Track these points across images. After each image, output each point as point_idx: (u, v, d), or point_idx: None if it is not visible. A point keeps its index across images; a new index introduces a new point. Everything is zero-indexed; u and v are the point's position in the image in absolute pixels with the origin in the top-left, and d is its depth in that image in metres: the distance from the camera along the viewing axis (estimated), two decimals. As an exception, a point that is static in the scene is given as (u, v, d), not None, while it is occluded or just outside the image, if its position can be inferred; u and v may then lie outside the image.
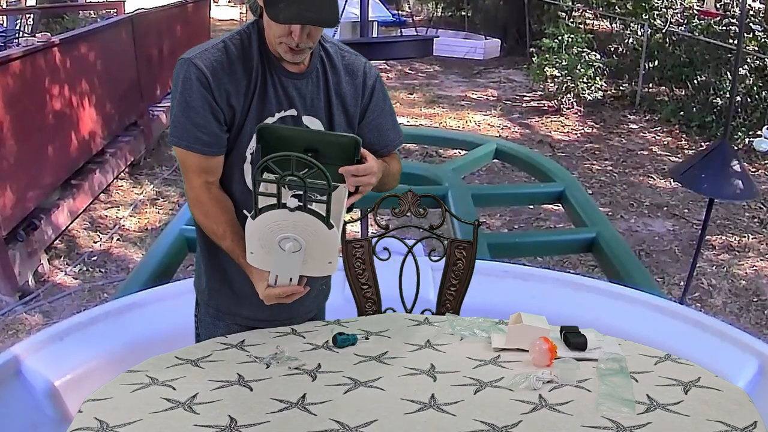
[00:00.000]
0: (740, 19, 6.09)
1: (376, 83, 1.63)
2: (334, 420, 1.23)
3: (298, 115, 1.54)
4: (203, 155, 1.50)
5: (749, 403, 1.30)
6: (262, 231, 1.37)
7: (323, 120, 1.57)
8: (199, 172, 1.53)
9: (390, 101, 1.69)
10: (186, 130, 1.48)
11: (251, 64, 1.49)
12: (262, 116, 1.51)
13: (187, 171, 1.54)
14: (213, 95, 1.46)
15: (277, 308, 1.64)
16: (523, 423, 1.22)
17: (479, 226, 2.00)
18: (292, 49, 1.44)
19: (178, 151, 1.52)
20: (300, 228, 1.36)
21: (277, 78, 1.51)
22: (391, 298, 1.95)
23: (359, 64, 1.62)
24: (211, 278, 1.68)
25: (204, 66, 1.45)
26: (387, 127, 1.67)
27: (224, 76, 1.46)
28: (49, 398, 2.01)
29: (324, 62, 1.57)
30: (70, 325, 2.23)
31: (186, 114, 1.47)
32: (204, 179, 1.53)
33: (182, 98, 1.47)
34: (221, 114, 1.48)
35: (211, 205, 1.53)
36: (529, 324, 1.52)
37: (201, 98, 1.45)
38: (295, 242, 1.37)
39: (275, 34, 1.43)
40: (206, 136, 1.48)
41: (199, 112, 1.46)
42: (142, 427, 1.21)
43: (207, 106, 1.46)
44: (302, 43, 1.43)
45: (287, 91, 1.52)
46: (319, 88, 1.56)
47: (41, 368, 2.06)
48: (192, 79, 1.45)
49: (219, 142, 1.51)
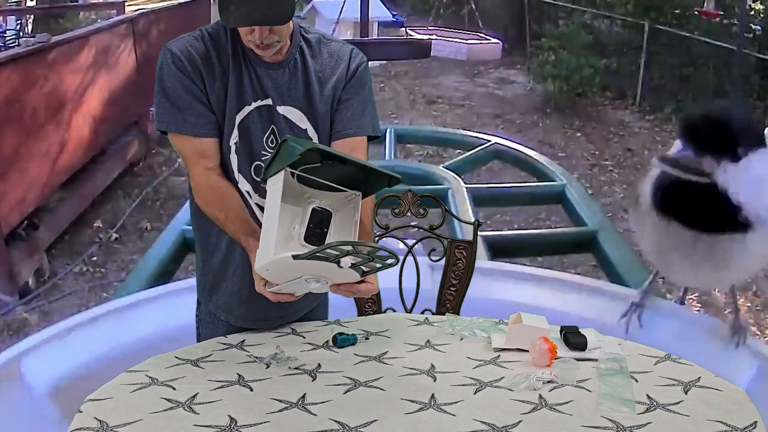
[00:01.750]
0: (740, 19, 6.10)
1: (359, 66, 1.59)
2: (334, 420, 1.23)
3: (273, 105, 1.54)
4: (194, 137, 1.50)
5: (749, 403, 1.30)
6: (294, 267, 1.28)
7: (302, 109, 1.56)
8: (197, 158, 1.52)
9: (371, 92, 1.63)
10: (171, 114, 1.49)
11: (226, 53, 1.51)
12: (239, 105, 1.52)
13: (185, 158, 1.55)
14: (190, 78, 1.48)
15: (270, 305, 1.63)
16: (523, 423, 1.22)
17: (479, 226, 2.01)
18: (258, 46, 1.45)
19: (173, 138, 1.53)
20: (332, 274, 1.31)
21: (252, 68, 1.52)
22: (391, 298, 1.95)
23: (346, 50, 1.60)
24: (208, 276, 1.69)
25: (179, 51, 1.48)
26: (355, 110, 1.58)
27: (198, 60, 1.48)
28: (49, 398, 2.02)
29: (304, 51, 1.56)
30: (70, 325, 2.24)
31: (168, 98, 1.49)
32: (203, 165, 1.53)
33: (162, 84, 1.49)
34: (203, 95, 1.49)
35: (211, 192, 1.53)
36: (529, 324, 1.51)
37: (179, 81, 1.48)
38: (322, 283, 1.33)
39: (242, 32, 1.45)
40: (192, 116, 1.49)
41: (180, 96, 1.48)
42: (142, 427, 1.21)
43: (186, 88, 1.48)
44: (266, 39, 1.43)
45: (261, 81, 1.52)
46: (297, 77, 1.55)
47: (41, 368, 2.06)
48: (169, 64, 1.48)
49: (208, 123, 1.51)
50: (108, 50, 6.29)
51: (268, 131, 1.55)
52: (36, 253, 4.68)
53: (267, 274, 1.34)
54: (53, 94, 5.16)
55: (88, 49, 5.85)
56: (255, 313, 1.66)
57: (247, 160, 1.55)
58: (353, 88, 1.59)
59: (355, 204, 1.40)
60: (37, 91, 4.91)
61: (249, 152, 1.55)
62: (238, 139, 1.53)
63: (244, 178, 1.56)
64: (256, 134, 1.54)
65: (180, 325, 1.85)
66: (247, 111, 1.52)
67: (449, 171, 4.74)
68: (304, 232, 1.34)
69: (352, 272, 1.30)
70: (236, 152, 1.54)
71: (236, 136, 1.53)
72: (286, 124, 1.56)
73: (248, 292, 1.63)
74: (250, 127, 1.53)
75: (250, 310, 1.66)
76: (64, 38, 5.49)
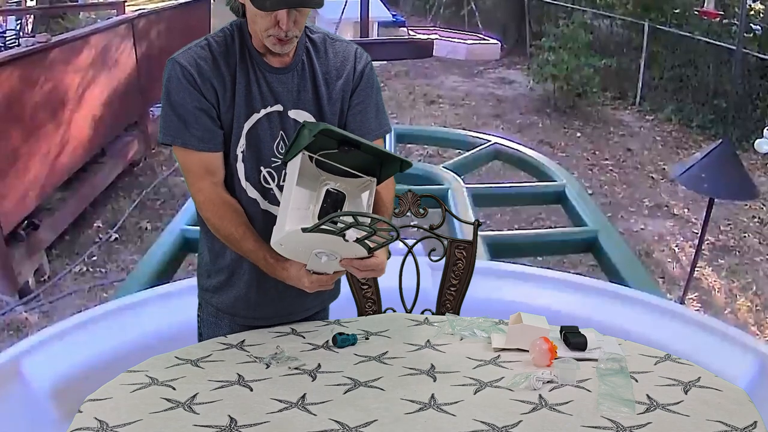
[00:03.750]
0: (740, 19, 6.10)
1: (366, 68, 1.60)
2: (334, 420, 1.23)
3: (284, 110, 1.53)
4: (202, 152, 1.49)
5: (749, 403, 1.30)
6: (305, 241, 1.35)
7: (312, 112, 1.56)
8: (203, 174, 1.51)
9: (380, 91, 1.65)
10: (178, 128, 1.47)
11: (234, 60, 1.49)
12: (248, 113, 1.50)
13: (190, 173, 1.52)
14: (200, 91, 1.46)
15: (278, 306, 1.66)
16: (523, 423, 1.22)
17: (479, 226, 2.00)
18: (280, 40, 1.43)
19: (178, 152, 1.50)
20: (340, 248, 1.37)
21: (261, 74, 1.51)
22: (391, 298, 1.95)
23: (350, 49, 1.60)
24: (212, 279, 1.68)
25: (188, 63, 1.46)
26: (369, 114, 1.61)
27: (208, 71, 1.46)
28: (49, 398, 2.01)
29: (310, 52, 1.56)
30: (70, 325, 2.24)
31: (176, 112, 1.46)
32: (209, 180, 1.52)
33: (170, 98, 1.46)
34: (212, 109, 1.48)
35: (226, 208, 1.52)
36: (529, 324, 1.51)
37: (188, 95, 1.45)
38: (330, 257, 1.39)
39: (262, 27, 1.43)
40: (199, 131, 1.47)
41: (188, 110, 1.46)
42: (142, 427, 1.21)
43: (195, 102, 1.46)
44: (290, 32, 1.42)
45: (272, 87, 1.52)
46: (305, 79, 1.54)
47: (41, 368, 2.06)
48: (178, 78, 1.45)
49: (214, 137, 1.49)
50: (108, 50, 6.29)
51: (278, 138, 1.54)
52: (36, 253, 4.68)
53: (281, 249, 1.40)
54: (53, 94, 5.16)
55: (88, 49, 5.84)
56: (262, 312, 1.67)
57: (255, 168, 1.54)
58: (364, 91, 1.60)
59: (370, 189, 1.44)
60: (37, 91, 4.91)
61: (257, 160, 1.53)
62: (246, 147, 1.52)
63: (252, 186, 1.55)
64: (265, 141, 1.53)
65: (180, 325, 1.85)
66: (256, 118, 1.51)
67: (449, 171, 4.74)
68: (318, 210, 1.38)
69: (359, 247, 1.36)
70: (243, 160, 1.53)
71: (243, 145, 1.52)
72: (296, 128, 1.55)
73: (255, 296, 1.64)
74: (258, 135, 1.52)
75: (258, 311, 1.66)
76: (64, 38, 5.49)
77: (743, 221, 6.00)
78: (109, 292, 4.49)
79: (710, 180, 3.34)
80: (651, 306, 2.43)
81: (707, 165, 3.37)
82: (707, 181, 3.35)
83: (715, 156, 3.40)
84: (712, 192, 3.44)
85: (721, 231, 5.77)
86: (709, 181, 3.34)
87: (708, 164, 3.37)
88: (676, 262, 5.21)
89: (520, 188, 4.77)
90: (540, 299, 2.40)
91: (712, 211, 3.59)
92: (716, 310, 4.55)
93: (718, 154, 3.41)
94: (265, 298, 1.64)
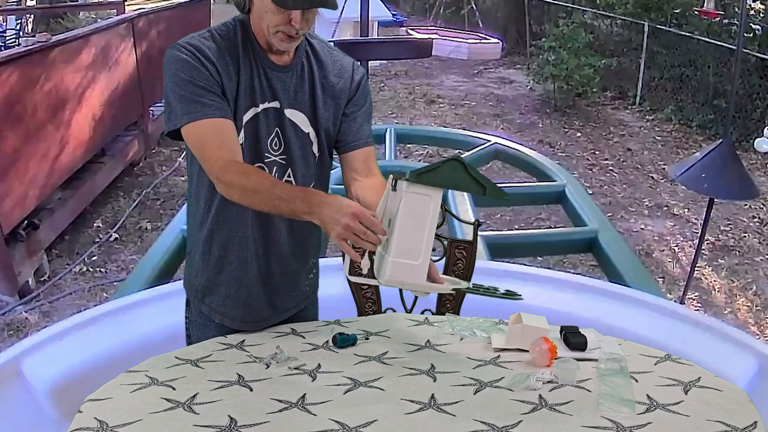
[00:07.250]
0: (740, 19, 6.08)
1: (362, 80, 1.66)
2: (334, 420, 1.23)
3: (280, 108, 1.54)
4: (217, 119, 1.43)
5: (749, 403, 1.30)
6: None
7: (307, 113, 1.57)
8: (220, 143, 1.44)
9: (371, 103, 1.71)
10: (189, 104, 1.42)
11: (237, 53, 1.50)
12: (248, 106, 1.51)
13: (206, 147, 1.44)
14: (207, 69, 1.44)
15: (259, 306, 1.66)
16: (523, 423, 1.22)
17: (479, 226, 2.00)
18: (290, 36, 1.45)
19: (190, 130, 1.43)
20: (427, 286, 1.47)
21: (262, 69, 1.52)
22: (391, 298, 1.95)
23: (348, 62, 1.65)
24: (201, 278, 1.69)
25: (191, 46, 1.45)
26: (363, 123, 1.66)
27: (213, 57, 1.46)
28: (49, 398, 2.01)
29: (309, 56, 1.58)
30: (70, 325, 2.23)
31: (186, 89, 1.43)
32: (228, 150, 1.45)
33: (176, 77, 1.44)
34: (217, 86, 1.45)
35: (247, 166, 1.47)
36: (529, 324, 1.52)
37: (196, 72, 1.43)
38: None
39: (272, 23, 1.44)
40: (213, 100, 1.44)
41: (198, 84, 1.43)
42: (142, 427, 1.21)
43: (204, 79, 1.43)
44: (302, 30, 1.45)
45: (271, 83, 1.53)
46: (303, 81, 1.56)
47: (41, 368, 2.06)
48: (182, 56, 1.44)
49: (224, 108, 1.46)
50: (108, 50, 6.28)
51: (273, 134, 1.55)
52: (36, 253, 4.67)
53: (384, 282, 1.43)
54: (53, 94, 5.15)
55: (88, 49, 5.84)
56: (251, 315, 1.67)
57: (252, 162, 1.54)
58: (359, 101, 1.65)
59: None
60: (37, 91, 4.90)
61: (254, 154, 1.54)
62: (244, 140, 1.52)
63: None
64: (261, 135, 1.54)
65: (180, 325, 1.85)
66: (254, 112, 1.52)
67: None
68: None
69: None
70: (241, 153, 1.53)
71: (242, 137, 1.52)
72: (291, 127, 1.56)
73: (245, 294, 1.64)
74: (256, 129, 1.53)
75: (246, 311, 1.67)
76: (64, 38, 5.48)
77: (743, 221, 5.99)
78: (109, 292, 4.48)
79: (710, 180, 3.33)
80: (651, 306, 2.43)
81: (707, 165, 3.37)
82: (707, 181, 3.34)
83: (715, 156, 3.40)
84: (712, 192, 3.43)
85: (721, 231, 5.76)
86: (709, 181, 3.34)
87: (708, 164, 3.37)
88: (676, 262, 5.21)
89: (520, 188, 4.76)
90: (540, 299, 2.40)
91: (712, 211, 3.58)
92: (716, 310, 4.55)
93: (718, 154, 3.41)
94: (255, 296, 1.66)
